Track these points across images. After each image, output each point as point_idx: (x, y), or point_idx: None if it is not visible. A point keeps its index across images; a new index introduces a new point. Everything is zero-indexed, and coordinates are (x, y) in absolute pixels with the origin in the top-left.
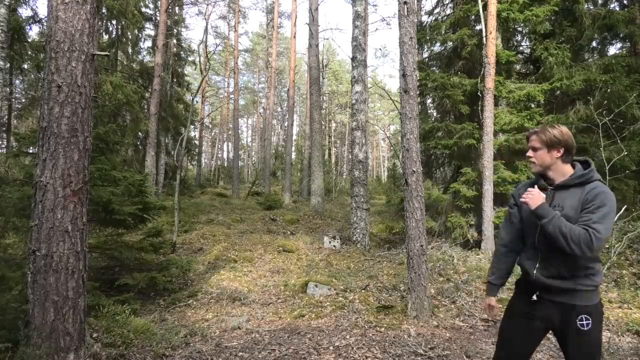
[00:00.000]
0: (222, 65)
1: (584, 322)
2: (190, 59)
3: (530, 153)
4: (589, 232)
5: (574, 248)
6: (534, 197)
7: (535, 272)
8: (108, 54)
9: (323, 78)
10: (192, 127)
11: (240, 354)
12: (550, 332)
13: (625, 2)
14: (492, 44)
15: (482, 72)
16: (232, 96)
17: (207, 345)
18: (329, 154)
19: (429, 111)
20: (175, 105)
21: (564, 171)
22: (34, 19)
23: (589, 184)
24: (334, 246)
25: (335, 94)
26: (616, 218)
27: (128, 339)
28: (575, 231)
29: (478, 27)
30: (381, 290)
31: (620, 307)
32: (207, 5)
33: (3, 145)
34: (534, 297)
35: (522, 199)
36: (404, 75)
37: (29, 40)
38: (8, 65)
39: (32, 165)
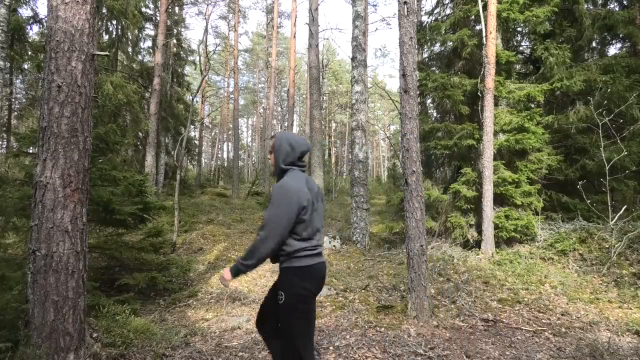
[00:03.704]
0: (222, 65)
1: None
2: (190, 59)
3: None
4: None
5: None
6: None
7: None
8: (108, 54)
9: (323, 78)
10: (192, 127)
11: (240, 354)
12: None
13: (625, 2)
14: (492, 44)
15: (482, 72)
16: (232, 96)
17: (207, 345)
18: (329, 154)
19: (429, 111)
20: (175, 105)
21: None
22: (34, 19)
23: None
24: (334, 246)
25: (335, 94)
26: (616, 218)
27: (128, 339)
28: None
29: (478, 27)
30: (381, 290)
31: (620, 307)
32: (207, 5)
33: (3, 145)
34: None
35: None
36: (404, 75)
37: (29, 40)
38: (8, 65)
39: (32, 165)
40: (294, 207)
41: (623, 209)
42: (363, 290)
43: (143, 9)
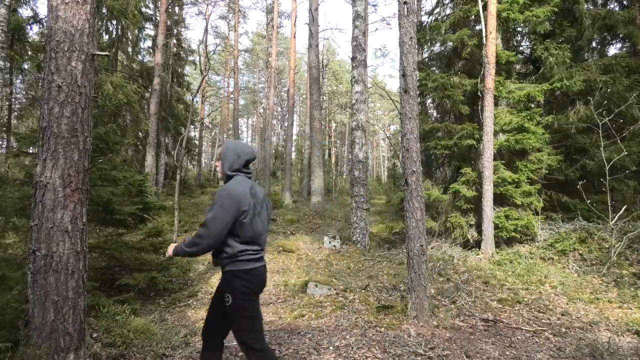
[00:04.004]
0: (222, 65)
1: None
2: (190, 59)
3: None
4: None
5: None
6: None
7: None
8: (108, 54)
9: (323, 78)
10: (192, 127)
11: (241, 354)
12: None
13: (625, 2)
14: (492, 44)
15: (482, 72)
16: (232, 96)
17: None
18: (329, 154)
19: (429, 111)
20: (175, 105)
21: None
22: (34, 19)
23: None
24: (334, 246)
25: (335, 94)
26: (616, 218)
27: (128, 339)
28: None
29: (478, 27)
30: (381, 290)
31: (620, 307)
32: (207, 5)
33: (3, 145)
34: None
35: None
36: (404, 75)
37: (29, 40)
38: (8, 65)
39: (32, 165)
40: (234, 210)
41: (623, 209)
42: (363, 290)
43: (143, 9)
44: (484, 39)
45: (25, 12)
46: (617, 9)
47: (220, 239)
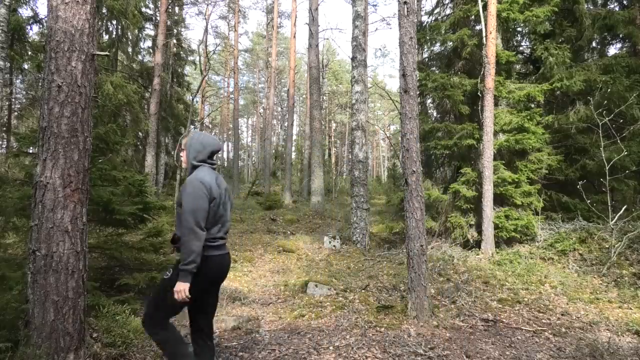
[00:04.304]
0: (222, 65)
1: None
2: (190, 59)
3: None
4: None
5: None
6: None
7: None
8: (108, 54)
9: (323, 78)
10: (192, 127)
11: (240, 354)
12: None
13: (625, 2)
14: (492, 44)
15: (482, 72)
16: (232, 96)
17: None
18: (329, 154)
19: (429, 111)
20: (175, 105)
21: None
22: (34, 19)
23: None
24: (334, 246)
25: (335, 94)
26: (616, 218)
27: (128, 339)
28: None
29: (478, 27)
30: (381, 290)
31: (620, 307)
32: (207, 5)
33: (3, 145)
34: None
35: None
36: (404, 75)
37: (29, 40)
38: (8, 65)
39: (32, 165)
40: (207, 197)
41: (623, 209)
42: (363, 290)
43: (143, 9)
44: (484, 39)
45: (25, 12)
46: (617, 9)
47: (203, 227)
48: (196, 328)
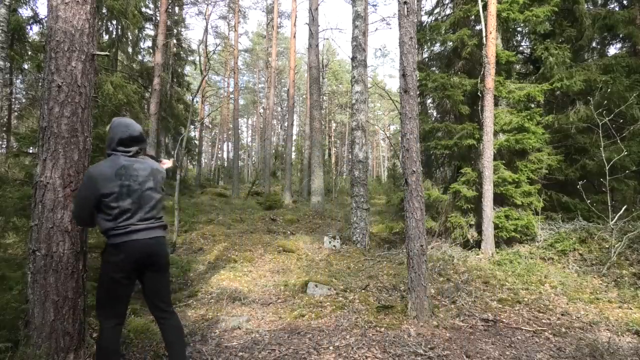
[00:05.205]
0: (222, 65)
1: None
2: (190, 59)
3: None
4: None
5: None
6: None
7: None
8: (108, 54)
9: (323, 78)
10: (192, 127)
11: (240, 354)
12: None
13: (625, 2)
14: (492, 44)
15: (482, 72)
16: (232, 96)
17: (207, 345)
18: (329, 154)
19: (429, 111)
20: (175, 105)
21: None
22: (34, 19)
23: None
24: (334, 246)
25: (335, 94)
26: (616, 218)
27: (128, 339)
28: None
29: (478, 27)
30: (381, 290)
31: (620, 307)
32: (207, 5)
33: (3, 145)
34: None
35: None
36: (404, 75)
37: (29, 40)
38: (8, 65)
39: (32, 165)
40: (90, 191)
41: (623, 209)
42: (363, 290)
43: (143, 9)
44: (484, 39)
45: (25, 12)
46: (617, 9)
47: (82, 216)
48: (150, 309)
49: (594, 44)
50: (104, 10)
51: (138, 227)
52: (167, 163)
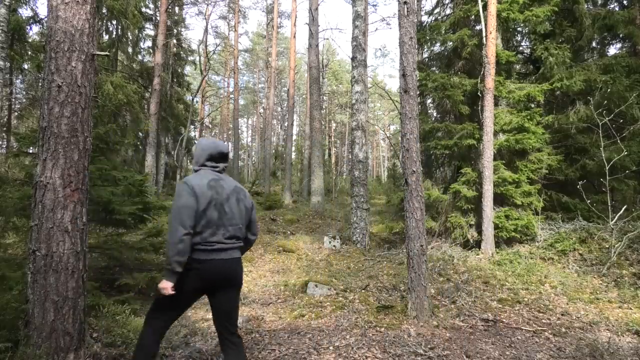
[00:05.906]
0: (222, 65)
1: None
2: (190, 59)
3: None
4: None
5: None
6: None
7: None
8: (108, 54)
9: (323, 78)
10: (192, 127)
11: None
12: None
13: (625, 2)
14: (492, 44)
15: (482, 72)
16: (232, 96)
17: (207, 345)
18: (329, 154)
19: (429, 111)
20: (175, 105)
21: None
22: (34, 19)
23: None
24: (334, 246)
25: (335, 94)
26: (616, 218)
27: (128, 339)
28: None
29: (478, 27)
30: (381, 290)
31: (620, 307)
32: (207, 5)
33: (3, 145)
34: None
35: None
36: (404, 75)
37: (29, 40)
38: (8, 65)
39: (32, 165)
40: (189, 196)
41: (623, 209)
42: (363, 290)
43: (143, 9)
44: (484, 39)
45: (25, 12)
46: (617, 9)
47: (185, 227)
48: (217, 329)
49: (594, 44)
50: (104, 10)
51: (222, 247)
52: None
